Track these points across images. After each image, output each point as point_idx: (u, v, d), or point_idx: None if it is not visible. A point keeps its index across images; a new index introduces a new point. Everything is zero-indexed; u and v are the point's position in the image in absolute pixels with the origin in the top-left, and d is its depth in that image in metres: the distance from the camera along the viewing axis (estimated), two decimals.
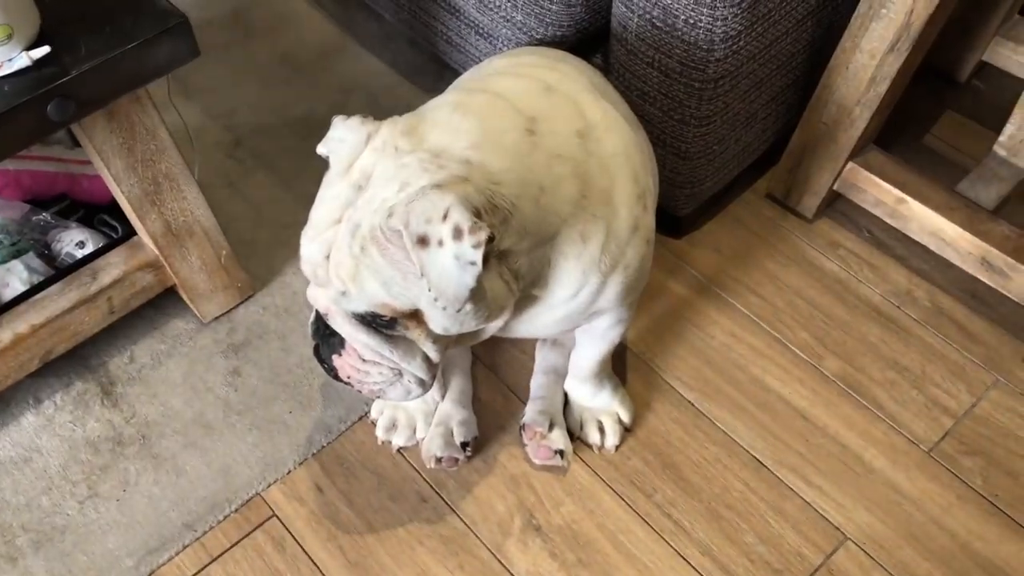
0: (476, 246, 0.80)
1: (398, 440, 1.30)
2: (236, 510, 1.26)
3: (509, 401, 1.35)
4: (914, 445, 1.29)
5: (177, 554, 1.22)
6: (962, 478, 1.26)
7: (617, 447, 1.29)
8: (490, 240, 0.81)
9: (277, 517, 1.25)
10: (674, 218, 1.49)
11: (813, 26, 1.33)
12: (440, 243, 0.80)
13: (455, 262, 0.81)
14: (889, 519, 1.23)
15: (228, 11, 1.90)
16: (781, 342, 1.40)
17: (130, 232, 1.33)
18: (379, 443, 1.30)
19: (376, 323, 0.90)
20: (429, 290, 0.83)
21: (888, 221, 1.43)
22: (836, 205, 1.53)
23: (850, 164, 1.42)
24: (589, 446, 1.30)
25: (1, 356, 1.23)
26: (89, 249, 1.36)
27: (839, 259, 1.49)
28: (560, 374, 1.31)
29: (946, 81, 1.72)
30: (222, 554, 1.22)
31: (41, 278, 1.32)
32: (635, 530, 1.23)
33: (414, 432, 1.30)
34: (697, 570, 1.19)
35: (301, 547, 1.23)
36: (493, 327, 0.99)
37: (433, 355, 0.95)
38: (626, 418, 1.30)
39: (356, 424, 1.33)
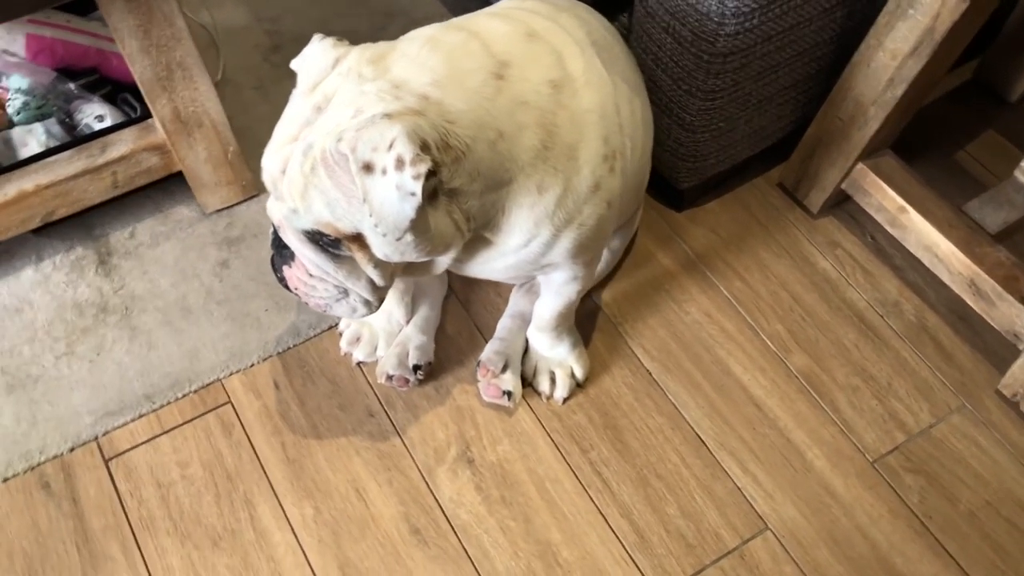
0: (416, 178, 0.82)
1: (358, 354, 1.34)
2: (195, 391, 1.32)
3: (474, 338, 1.38)
4: (860, 453, 1.28)
5: (132, 420, 1.29)
6: (899, 493, 1.25)
7: (565, 400, 1.32)
8: (432, 174, 0.83)
9: (232, 404, 1.31)
10: (675, 191, 1.48)
11: (844, 17, 1.30)
12: (383, 171, 0.83)
13: (396, 192, 0.83)
14: (815, 518, 1.23)
15: None
16: (754, 330, 1.39)
17: (146, 114, 1.38)
18: (341, 354, 1.35)
19: (322, 242, 0.94)
20: (371, 216, 0.86)
21: (888, 229, 1.40)
22: (846, 206, 1.51)
23: (860, 164, 1.40)
24: (539, 394, 1.32)
25: (5, 209, 1.31)
26: (107, 124, 1.42)
27: (835, 259, 1.47)
28: (526, 320, 1.33)
29: (996, 100, 1.66)
30: (173, 428, 1.29)
31: (57, 143, 1.39)
32: (563, 480, 1.25)
33: (375, 350, 1.34)
34: (613, 529, 1.22)
35: (247, 436, 1.29)
36: (443, 262, 1.02)
37: (377, 279, 0.98)
38: (579, 374, 1.32)
39: (325, 333, 1.38)
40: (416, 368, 1.30)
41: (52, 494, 1.24)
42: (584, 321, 1.39)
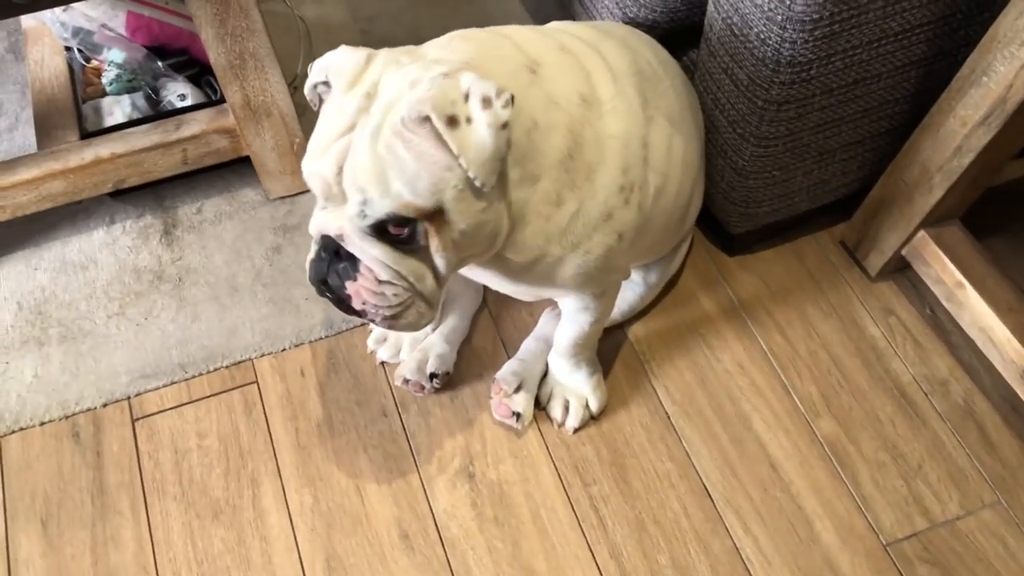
0: (505, 106, 0.84)
1: (382, 353, 1.37)
2: (227, 366, 1.38)
3: (498, 354, 1.38)
4: (873, 533, 1.22)
5: (164, 386, 1.36)
6: None
7: (576, 430, 1.30)
8: (512, 101, 0.85)
9: (258, 384, 1.36)
10: (727, 234, 1.45)
11: (920, 77, 1.25)
12: (468, 120, 0.84)
13: (489, 130, 0.84)
14: None
15: None
16: (785, 388, 1.34)
17: (223, 98, 1.45)
18: (368, 351, 1.38)
19: (394, 234, 0.90)
20: (465, 169, 0.85)
21: (944, 303, 1.33)
22: (908, 273, 1.43)
23: (921, 232, 1.33)
24: (551, 420, 1.31)
25: (81, 171, 1.40)
26: (188, 103, 1.50)
27: (886, 326, 1.40)
28: (549, 344, 1.33)
29: None
30: (200, 399, 1.35)
31: (140, 116, 1.48)
32: (559, 510, 1.24)
33: (399, 352, 1.36)
34: (599, 568, 1.20)
35: (265, 416, 1.33)
36: (485, 254, 0.99)
37: (443, 268, 0.94)
38: (594, 406, 1.31)
39: (357, 328, 1.41)
40: (433, 376, 1.31)
41: (80, 444, 1.31)
42: (610, 352, 1.37)
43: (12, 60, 1.73)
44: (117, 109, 1.49)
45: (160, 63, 1.51)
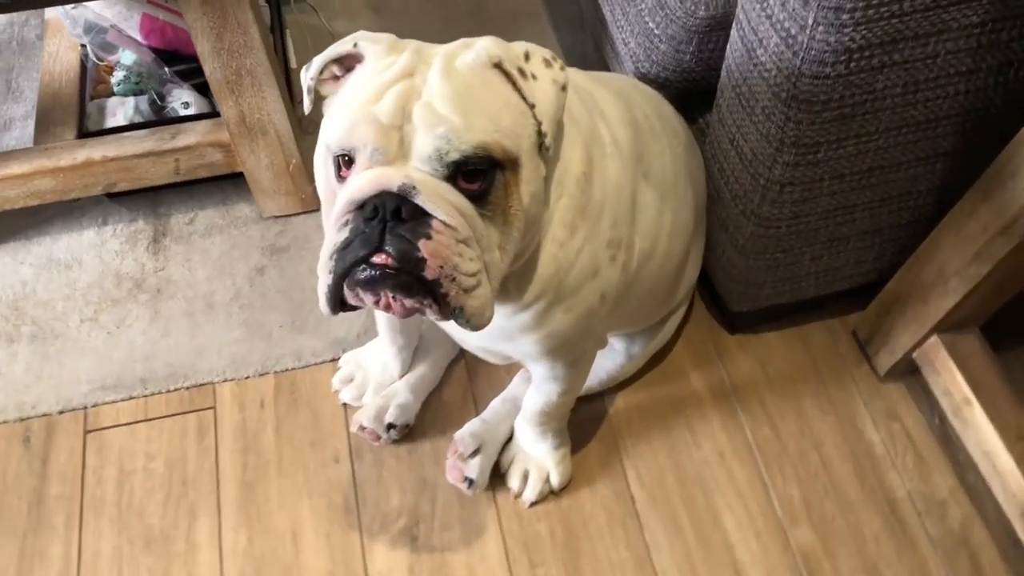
0: (562, 68, 0.83)
1: (345, 395, 1.31)
2: (187, 387, 1.34)
3: (467, 410, 1.31)
4: None
5: (122, 400, 1.32)
6: None
7: (533, 504, 1.22)
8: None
9: (215, 410, 1.32)
10: (728, 311, 1.35)
11: (948, 170, 1.14)
12: (534, 76, 0.81)
13: (554, 86, 0.81)
14: None
15: None
16: (765, 486, 1.24)
17: None
18: (332, 390, 1.32)
19: (469, 175, 0.78)
20: (538, 120, 0.81)
21: (950, 418, 1.21)
22: (919, 377, 1.31)
23: (934, 337, 1.21)
24: (509, 488, 1.24)
25: (71, 172, 1.38)
26: (191, 111, 1.47)
27: (888, 433, 1.28)
28: (518, 406, 1.25)
29: None
30: (155, 419, 1.31)
31: (142, 120, 1.45)
32: None
33: (362, 395, 1.30)
34: None
35: (216, 446, 1.28)
36: (524, 254, 0.88)
37: (512, 239, 0.82)
38: (555, 481, 1.23)
39: (326, 364, 1.35)
40: (391, 427, 1.25)
41: (29, 450, 1.28)
42: (584, 422, 1.29)
43: (40, 48, 1.73)
44: (120, 111, 1.46)
45: (167, 69, 1.48)
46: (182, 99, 1.47)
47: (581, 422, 1.28)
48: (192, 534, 1.21)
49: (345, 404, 1.31)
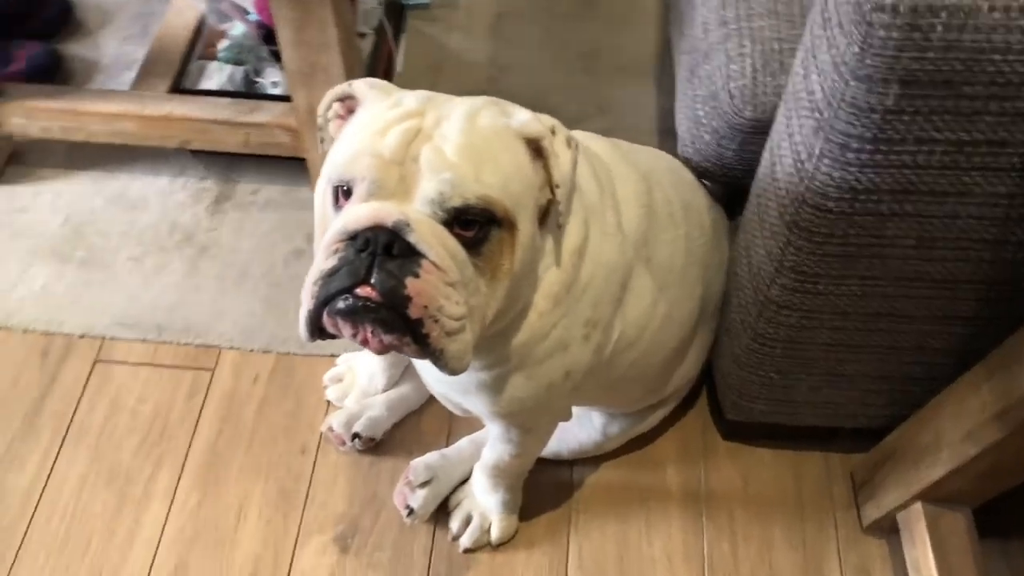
0: (576, 148, 0.85)
1: (330, 393, 1.34)
2: (196, 345, 1.40)
3: (441, 441, 1.32)
4: None
5: (136, 341, 1.40)
6: None
7: (468, 550, 1.22)
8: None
9: (212, 373, 1.38)
10: (722, 417, 1.30)
11: (968, 336, 1.06)
12: (557, 155, 0.82)
13: (571, 167, 0.84)
14: None
15: None
16: None
17: None
18: (323, 385, 1.36)
19: (466, 224, 0.78)
20: (557, 196, 0.83)
21: None
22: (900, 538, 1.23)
23: (918, 504, 1.13)
24: (449, 528, 1.24)
25: (152, 121, 1.47)
26: (278, 92, 1.54)
27: None
28: (479, 449, 1.25)
29: None
30: (158, 366, 1.38)
31: (231, 89, 1.54)
32: None
33: (344, 398, 1.33)
34: None
35: (202, 407, 1.35)
36: (506, 315, 0.88)
37: (497, 295, 0.83)
38: (495, 535, 1.22)
39: (325, 358, 1.39)
40: (356, 436, 1.27)
41: (44, 363, 1.38)
42: (545, 486, 1.27)
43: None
44: (216, 76, 1.55)
45: (268, 48, 1.55)
46: (273, 78, 1.55)
47: (542, 485, 1.27)
48: (151, 483, 1.28)
49: (329, 402, 1.35)
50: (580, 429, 1.26)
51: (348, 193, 0.80)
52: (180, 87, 1.54)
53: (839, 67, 0.82)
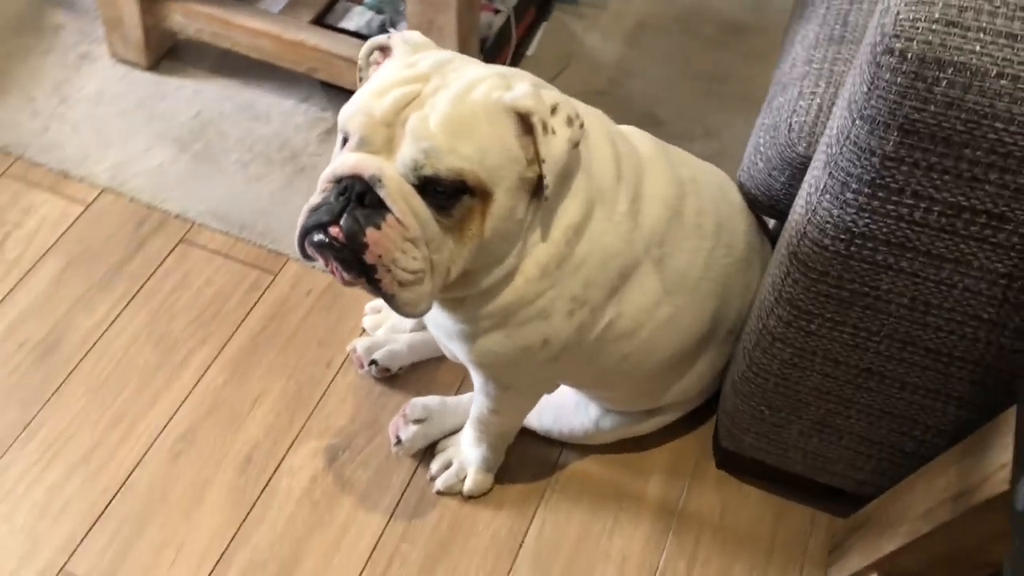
0: (580, 127, 0.91)
1: (366, 321, 1.44)
2: (268, 249, 1.53)
3: (447, 392, 1.39)
4: None
5: (220, 232, 1.55)
6: None
7: (440, 493, 1.29)
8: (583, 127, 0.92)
9: (274, 278, 1.50)
10: (719, 445, 1.31)
11: (963, 416, 1.04)
12: (553, 131, 0.88)
13: (566, 145, 0.89)
14: None
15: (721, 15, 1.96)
16: None
17: None
18: (363, 312, 1.46)
19: (436, 193, 0.86)
20: (542, 171, 0.88)
21: None
22: None
23: (875, 574, 1.11)
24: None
25: (286, 44, 1.62)
26: None
27: None
28: None
29: None
30: (230, 258, 1.52)
31: (364, 33, 1.67)
32: (364, 539, 1.25)
33: (377, 328, 1.43)
34: None
35: (254, 303, 1.47)
36: (482, 277, 0.96)
37: (461, 255, 0.91)
38: (467, 486, 1.28)
39: None
40: (373, 363, 1.36)
41: (137, 231, 1.55)
42: (530, 458, 1.32)
43: None
44: (356, 19, 1.68)
45: (404, 3, 1.67)
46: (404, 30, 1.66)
47: (527, 456, 1.32)
48: (191, 355, 1.41)
49: (364, 328, 1.44)
50: (575, 415, 1.30)
51: (346, 141, 0.89)
52: (322, 21, 1.68)
53: (850, 105, 0.83)
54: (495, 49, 1.69)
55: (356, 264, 0.88)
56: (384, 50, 0.96)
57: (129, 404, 1.36)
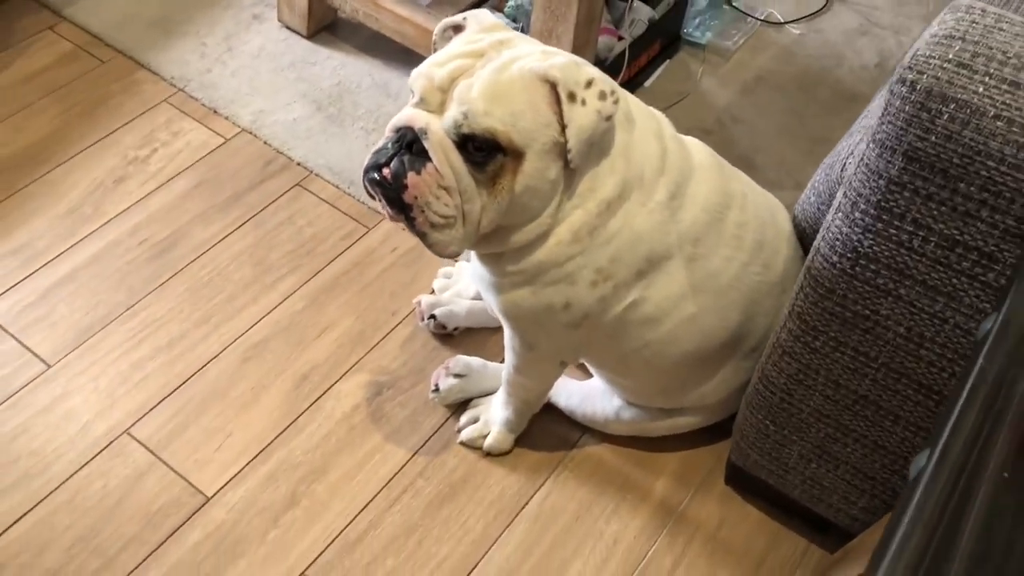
0: (614, 103, 1.02)
1: (436, 283, 1.58)
2: (368, 206, 1.70)
3: (492, 359, 1.50)
4: None
5: (332, 184, 1.72)
6: None
7: (462, 443, 1.40)
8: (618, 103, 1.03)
9: (368, 231, 1.66)
10: (729, 459, 1.37)
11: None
12: (583, 101, 0.99)
13: (596, 115, 1.00)
14: None
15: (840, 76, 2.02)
16: None
17: None
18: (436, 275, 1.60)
19: (472, 148, 0.99)
20: (566, 137, 0.99)
21: None
22: None
23: None
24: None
25: (424, 33, 1.78)
26: None
27: None
28: None
29: None
30: (335, 208, 1.69)
31: None
32: (385, 465, 1.37)
33: (446, 290, 1.56)
34: (354, 521, 1.32)
35: (345, 249, 1.63)
36: (513, 235, 1.09)
37: (492, 208, 1.03)
38: (487, 443, 1.39)
39: (451, 260, 1.63)
40: (432, 317, 1.50)
41: (263, 169, 1.74)
42: (552, 433, 1.42)
43: None
44: None
45: None
46: None
47: (549, 431, 1.42)
48: (280, 280, 1.58)
49: (434, 289, 1.58)
50: (599, 400, 1.39)
51: (412, 97, 1.05)
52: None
53: (870, 128, 0.91)
54: (609, 73, 1.82)
55: (398, 202, 1.03)
56: (457, 28, 1.10)
57: (218, 309, 1.54)
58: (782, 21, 2.14)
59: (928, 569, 0.62)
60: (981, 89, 0.82)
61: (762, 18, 2.13)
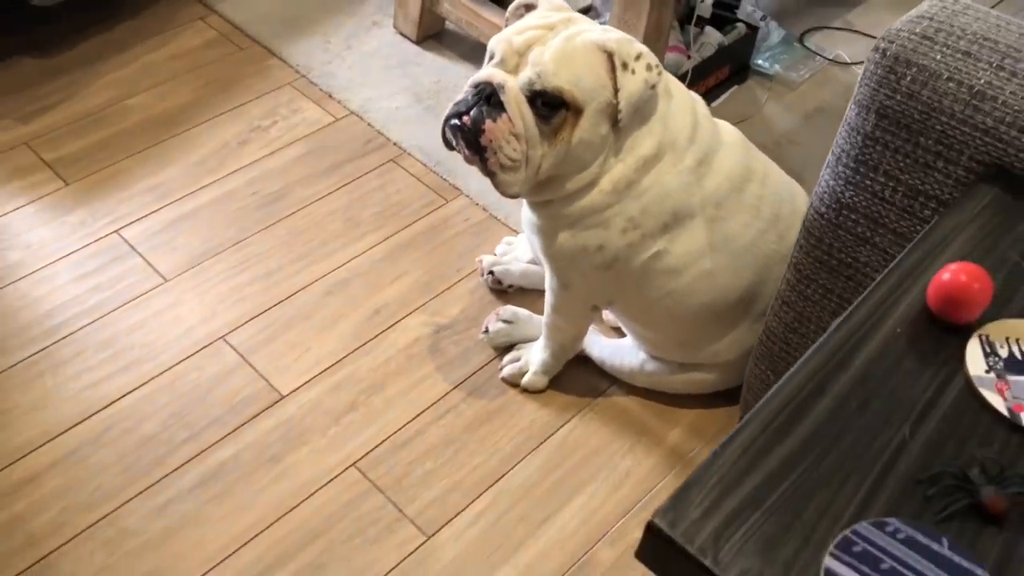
0: (659, 74, 1.24)
1: (498, 248, 1.79)
2: (450, 183, 1.93)
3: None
4: None
5: (420, 162, 1.97)
6: None
7: (503, 379, 1.59)
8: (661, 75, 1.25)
9: (447, 203, 1.89)
10: (742, 417, 1.52)
11: None
12: (633, 71, 1.20)
13: (642, 83, 1.21)
14: None
15: None
16: (622, 518, 1.44)
17: None
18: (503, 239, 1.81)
19: (540, 104, 1.19)
20: (617, 99, 1.20)
21: None
22: None
23: None
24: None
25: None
26: None
27: None
28: None
29: None
30: (419, 181, 1.93)
31: None
32: (433, 387, 1.58)
33: (503, 255, 1.77)
34: (400, 431, 1.52)
35: (424, 215, 1.87)
36: (565, 182, 1.29)
37: (552, 155, 1.23)
38: (525, 380, 1.58)
39: (514, 233, 1.84)
40: (491, 272, 1.71)
41: (363, 146, 2.00)
42: (582, 380, 1.60)
43: None
44: None
45: None
46: None
47: (581, 377, 1.60)
48: (365, 234, 1.82)
49: (496, 254, 1.79)
50: (626, 355, 1.57)
51: (490, 59, 1.27)
52: None
53: (854, 92, 1.09)
54: None
55: (475, 144, 1.24)
56: (528, 7, 1.33)
57: (311, 251, 1.78)
58: (849, 62, 2.31)
59: (816, 385, 0.79)
60: (939, 57, 0.99)
61: (830, 58, 2.30)
